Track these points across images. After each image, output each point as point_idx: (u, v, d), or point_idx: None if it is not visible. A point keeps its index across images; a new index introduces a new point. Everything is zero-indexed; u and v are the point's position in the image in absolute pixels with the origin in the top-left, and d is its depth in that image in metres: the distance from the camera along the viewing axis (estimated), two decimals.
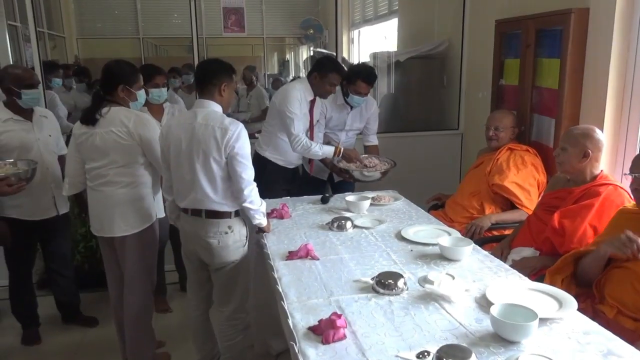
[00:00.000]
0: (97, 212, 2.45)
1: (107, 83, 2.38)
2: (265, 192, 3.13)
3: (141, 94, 2.47)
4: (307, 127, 3.24)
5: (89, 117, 2.33)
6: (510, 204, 2.91)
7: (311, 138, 3.26)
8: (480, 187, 2.99)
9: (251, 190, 2.19)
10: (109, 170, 2.36)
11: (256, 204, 2.23)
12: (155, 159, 2.40)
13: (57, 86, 4.84)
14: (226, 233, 2.23)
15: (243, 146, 2.14)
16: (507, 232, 2.73)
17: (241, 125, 2.16)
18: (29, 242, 2.92)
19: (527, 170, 2.87)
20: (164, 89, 3.04)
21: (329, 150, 3.15)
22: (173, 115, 3.12)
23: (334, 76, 3.07)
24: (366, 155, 3.43)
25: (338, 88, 3.37)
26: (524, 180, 2.84)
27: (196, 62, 3.78)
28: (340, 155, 3.18)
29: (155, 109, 3.03)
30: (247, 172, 2.16)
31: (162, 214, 2.64)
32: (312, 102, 3.20)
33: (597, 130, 2.28)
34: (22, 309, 3.02)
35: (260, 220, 2.29)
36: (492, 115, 3.12)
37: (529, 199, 2.83)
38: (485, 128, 3.08)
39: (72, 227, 3.37)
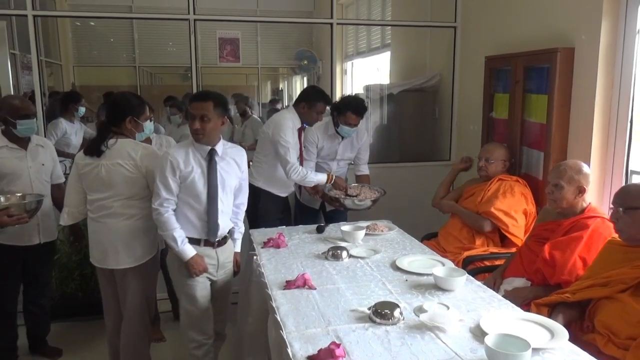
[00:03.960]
0: (99, 244, 2.45)
1: (114, 115, 2.42)
2: (260, 222, 3.19)
3: (147, 125, 2.52)
4: (298, 154, 3.31)
5: (94, 148, 2.36)
6: (499, 235, 2.98)
7: (301, 163, 3.32)
8: None
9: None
10: (113, 202, 2.37)
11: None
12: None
13: (81, 115, 4.89)
14: None
15: None
16: (498, 262, 2.78)
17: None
18: (12, 269, 2.84)
19: (514, 198, 2.95)
20: (150, 123, 3.08)
21: (322, 177, 3.28)
22: (161, 146, 3.15)
23: (321, 105, 3.23)
24: (356, 185, 3.51)
25: (329, 118, 3.46)
26: (510, 207, 2.92)
27: (194, 91, 3.85)
28: (332, 181, 3.32)
29: (142, 142, 3.07)
30: None
31: (162, 245, 2.64)
32: (300, 130, 3.31)
33: (584, 164, 2.37)
34: (4, 342, 2.90)
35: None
36: (484, 147, 3.22)
37: (516, 226, 2.90)
38: (477, 159, 3.18)
39: (66, 255, 3.37)
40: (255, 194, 3.30)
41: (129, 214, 2.39)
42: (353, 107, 3.32)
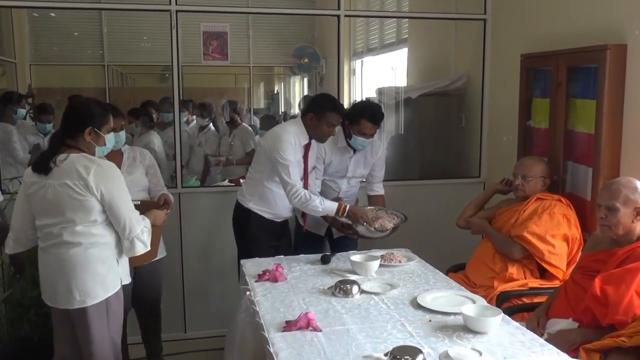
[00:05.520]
0: (49, 279, 2.45)
1: (71, 125, 2.43)
2: (251, 249, 3.20)
3: (110, 138, 2.54)
4: (302, 175, 3.32)
5: (42, 165, 2.36)
6: (539, 265, 2.99)
7: (305, 187, 3.31)
8: None
9: None
10: (62, 230, 2.37)
11: None
12: (117, 219, 2.41)
13: (21, 117, 4.95)
14: None
15: None
16: (538, 299, 2.80)
17: None
18: None
19: (553, 221, 2.95)
20: (122, 133, 3.08)
21: (330, 207, 3.15)
22: (134, 160, 3.17)
23: (333, 116, 3.17)
24: (373, 209, 3.47)
25: (339, 129, 3.49)
26: (547, 231, 2.92)
27: (175, 94, 3.89)
28: (345, 214, 3.18)
29: (112, 154, 3.01)
30: None
31: (127, 280, 2.62)
32: (307, 147, 3.29)
33: (638, 181, 2.39)
34: None
35: None
36: (520, 162, 3.25)
37: (554, 254, 2.90)
38: (512, 176, 3.21)
39: (21, 290, 3.37)
40: (245, 216, 3.33)
41: (81, 243, 2.37)
42: (368, 114, 3.34)
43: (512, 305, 2.79)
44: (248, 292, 2.57)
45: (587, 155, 3.09)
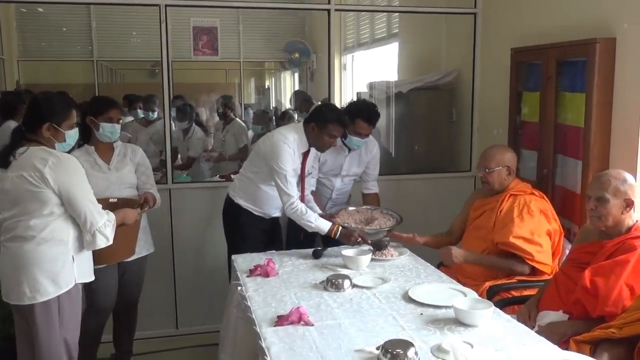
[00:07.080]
0: (3, 274, 2.45)
1: (31, 119, 2.43)
2: (241, 245, 3.20)
3: (70, 135, 2.50)
4: (298, 180, 3.29)
5: (2, 159, 2.36)
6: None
7: (302, 191, 3.30)
8: (488, 244, 3.03)
9: None
10: (17, 223, 2.36)
11: None
12: (77, 212, 2.40)
13: None
14: None
15: None
16: (528, 292, 2.81)
17: None
18: None
19: (534, 220, 2.92)
20: (118, 126, 3.02)
21: (323, 226, 3.09)
22: (125, 156, 3.12)
23: (335, 127, 3.13)
24: (369, 209, 3.47)
25: None
26: (532, 232, 2.90)
27: (165, 90, 3.87)
28: (336, 236, 3.09)
29: (103, 149, 3.03)
30: None
31: (86, 279, 2.57)
32: (305, 154, 3.26)
33: (627, 174, 2.41)
34: None
35: None
36: (482, 154, 3.15)
37: (542, 252, 2.89)
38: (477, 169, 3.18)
39: None
40: (235, 211, 3.32)
41: (34, 237, 2.36)
42: (364, 114, 3.35)
43: (502, 298, 2.80)
44: (239, 288, 2.57)
45: (577, 148, 3.11)
